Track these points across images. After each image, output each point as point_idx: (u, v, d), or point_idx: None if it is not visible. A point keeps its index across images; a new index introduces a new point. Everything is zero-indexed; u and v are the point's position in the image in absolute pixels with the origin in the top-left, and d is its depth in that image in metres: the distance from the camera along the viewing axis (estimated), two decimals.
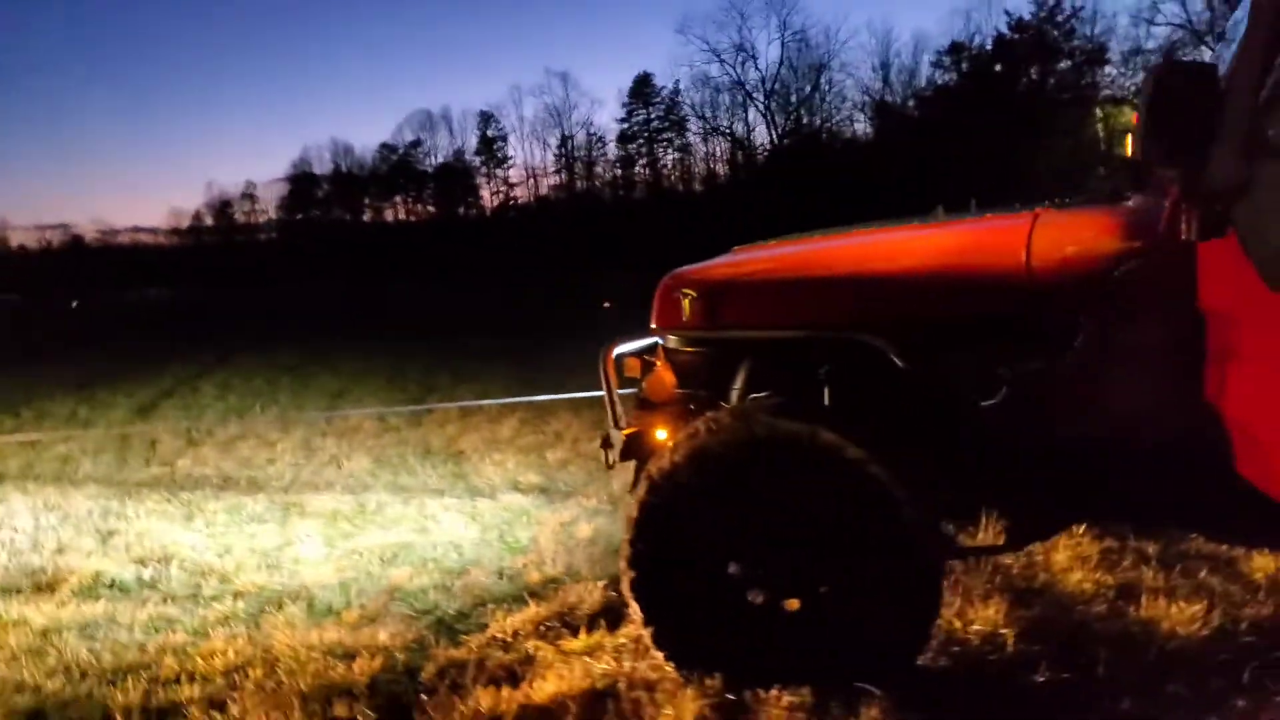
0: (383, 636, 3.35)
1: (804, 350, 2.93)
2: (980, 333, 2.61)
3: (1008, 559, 3.59)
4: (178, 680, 3.12)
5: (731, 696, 2.63)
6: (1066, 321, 2.49)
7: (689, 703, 2.61)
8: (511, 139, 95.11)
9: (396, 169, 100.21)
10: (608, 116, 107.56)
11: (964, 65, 48.53)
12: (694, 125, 74.82)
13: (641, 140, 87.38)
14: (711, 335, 3.14)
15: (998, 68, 46.93)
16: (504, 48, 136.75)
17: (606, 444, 3.37)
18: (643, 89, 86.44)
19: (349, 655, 3.17)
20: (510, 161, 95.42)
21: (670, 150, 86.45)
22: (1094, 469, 2.55)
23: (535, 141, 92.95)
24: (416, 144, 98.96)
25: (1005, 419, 2.57)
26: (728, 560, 2.71)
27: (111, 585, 4.25)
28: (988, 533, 3.72)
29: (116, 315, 39.35)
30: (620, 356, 3.53)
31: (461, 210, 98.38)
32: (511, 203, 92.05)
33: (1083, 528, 3.70)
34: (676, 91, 76.91)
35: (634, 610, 2.81)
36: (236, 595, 4.04)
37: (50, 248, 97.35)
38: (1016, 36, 46.02)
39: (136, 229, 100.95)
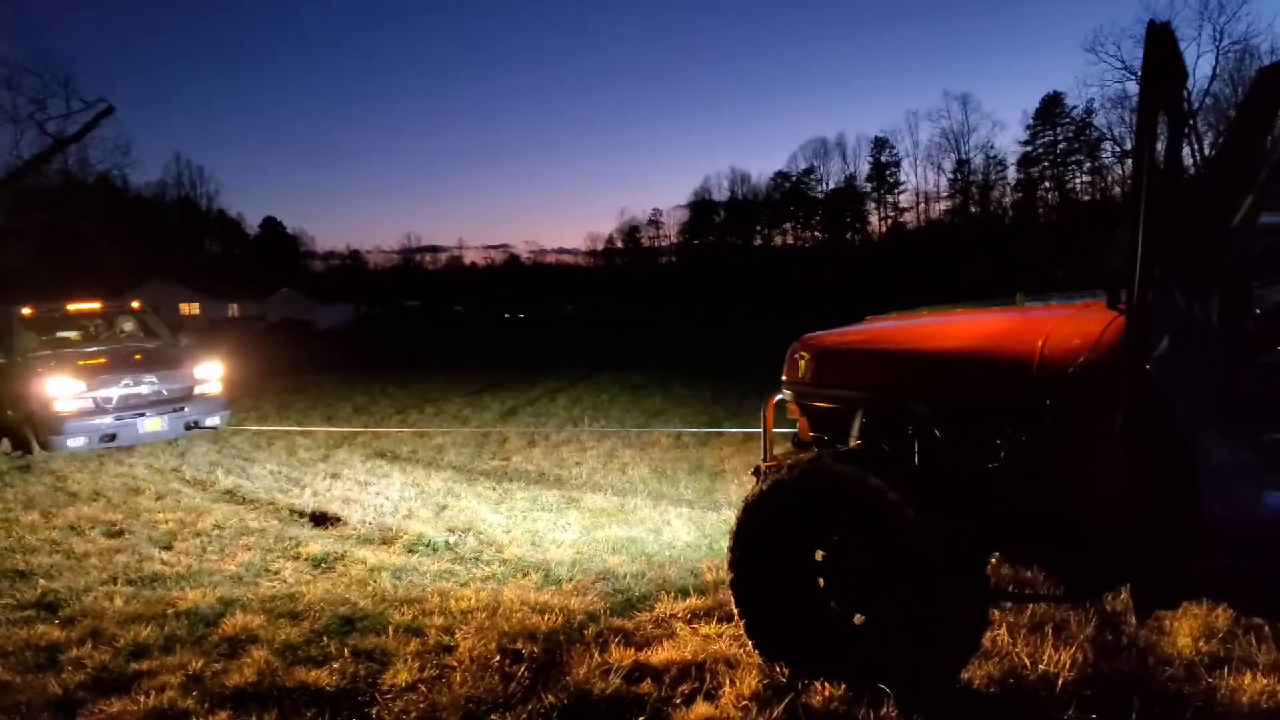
0: (575, 603, 4.34)
1: (882, 411, 3.45)
2: (992, 407, 3.00)
3: (1132, 617, 3.69)
4: (434, 613, 4.35)
5: (785, 682, 3.25)
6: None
7: (751, 680, 3.26)
8: (904, 164, 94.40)
9: (789, 196, 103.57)
10: (1009, 139, 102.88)
11: None
12: (1107, 148, 69.10)
13: (1046, 164, 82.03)
14: (814, 392, 3.76)
15: None
16: (903, 73, 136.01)
17: (757, 473, 4.10)
18: (1050, 110, 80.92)
19: (544, 611, 4.19)
20: (902, 187, 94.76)
21: (1079, 174, 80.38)
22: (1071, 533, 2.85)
23: (929, 166, 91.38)
24: (809, 171, 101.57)
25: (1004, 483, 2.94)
26: (800, 575, 3.34)
27: (427, 545, 5.73)
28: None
29: (539, 328, 45.61)
30: (780, 402, 4.24)
31: (849, 235, 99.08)
32: (899, 227, 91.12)
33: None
34: (1089, 112, 71.40)
35: (733, 604, 3.53)
36: (503, 562, 5.29)
37: (494, 265, 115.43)
38: None
39: (561, 250, 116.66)
